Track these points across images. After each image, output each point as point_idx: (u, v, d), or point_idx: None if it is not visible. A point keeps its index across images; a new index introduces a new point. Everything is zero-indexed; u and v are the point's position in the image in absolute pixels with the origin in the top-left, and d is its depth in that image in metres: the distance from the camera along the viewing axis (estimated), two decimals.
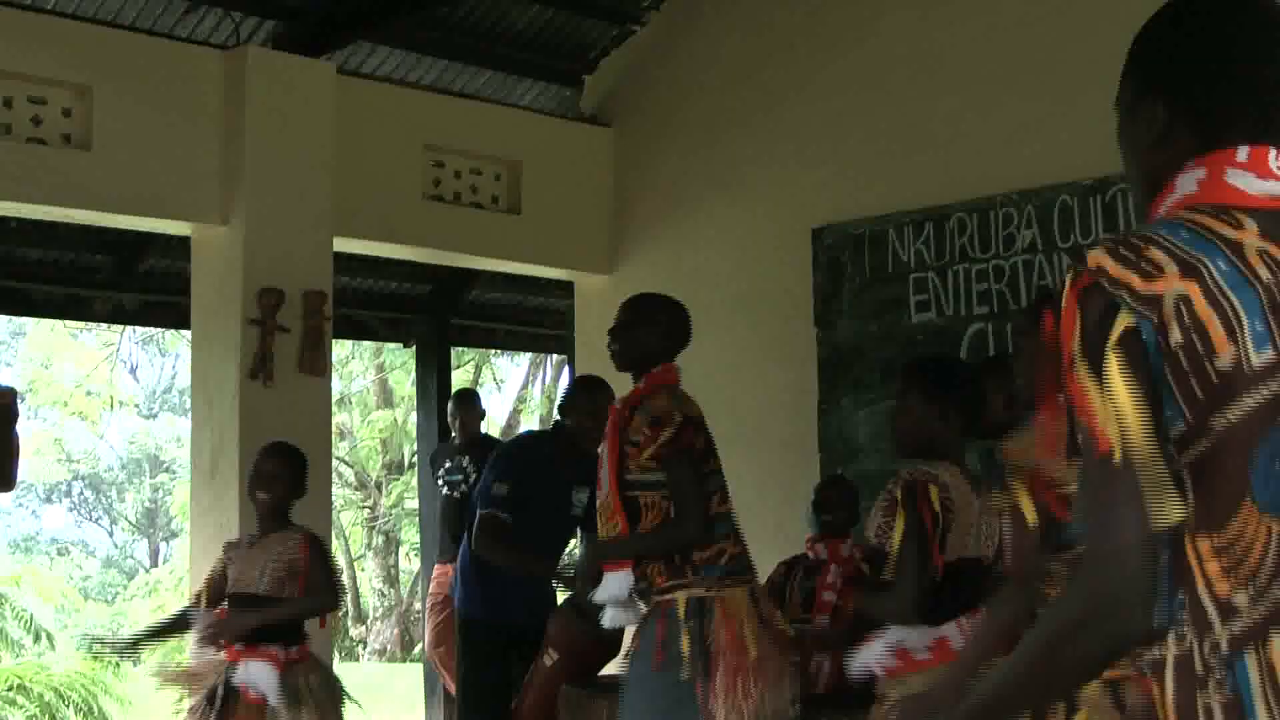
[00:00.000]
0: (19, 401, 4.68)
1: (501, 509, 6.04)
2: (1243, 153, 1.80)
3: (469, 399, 8.72)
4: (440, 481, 8.42)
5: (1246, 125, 1.82)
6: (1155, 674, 1.70)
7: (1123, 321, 1.67)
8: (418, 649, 17.11)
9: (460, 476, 8.12)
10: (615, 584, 4.54)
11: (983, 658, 3.59)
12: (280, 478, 5.37)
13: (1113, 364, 1.66)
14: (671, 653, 4.37)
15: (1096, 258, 1.72)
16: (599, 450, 4.72)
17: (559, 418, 6.15)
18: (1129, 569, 1.65)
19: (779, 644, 4.53)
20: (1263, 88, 1.84)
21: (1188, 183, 1.82)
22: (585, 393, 6.12)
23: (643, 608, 4.57)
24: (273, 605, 5.18)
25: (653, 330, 4.79)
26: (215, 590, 5.40)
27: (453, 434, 8.48)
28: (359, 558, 23.43)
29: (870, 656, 4.04)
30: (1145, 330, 1.66)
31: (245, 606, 5.22)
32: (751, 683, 4.37)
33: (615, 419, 4.65)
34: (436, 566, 8.46)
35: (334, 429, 11.44)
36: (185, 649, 5.60)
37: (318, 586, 5.28)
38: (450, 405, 8.61)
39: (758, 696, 4.37)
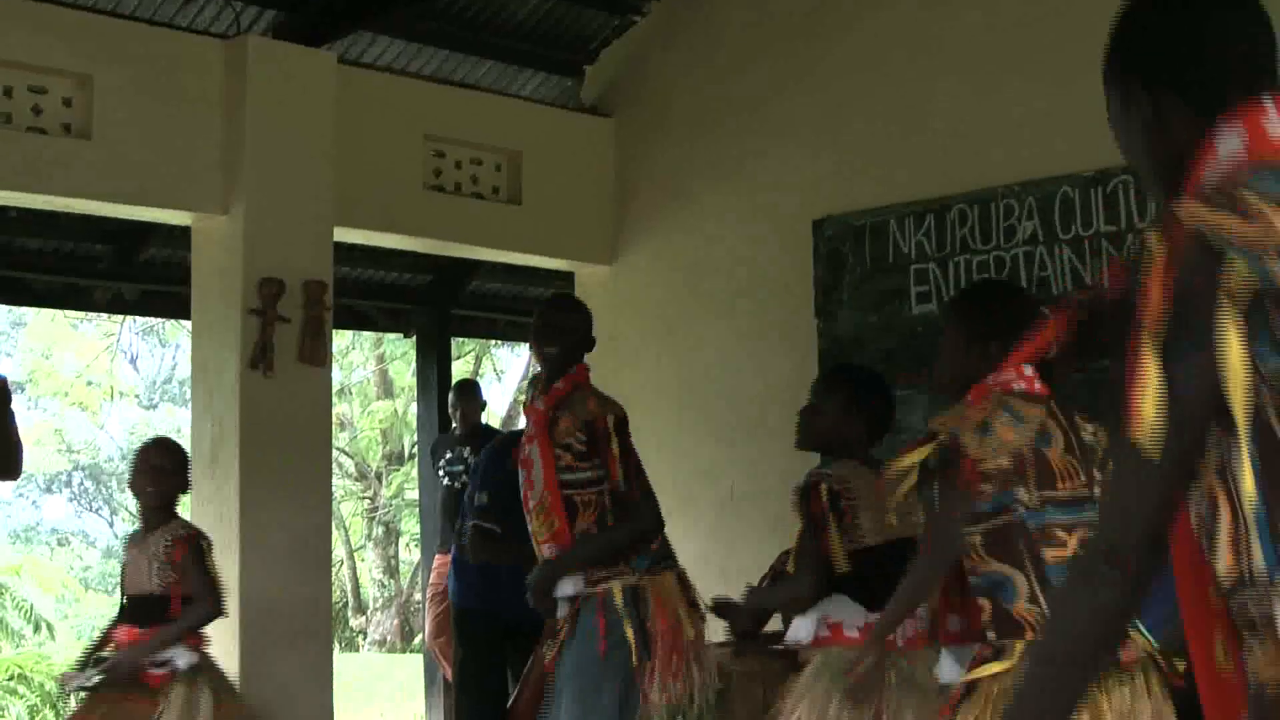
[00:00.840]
0: (10, 388, 4.70)
1: (485, 519, 6.11)
2: (1270, 104, 1.78)
3: (470, 389, 8.73)
4: (441, 472, 8.45)
5: (1238, 92, 1.81)
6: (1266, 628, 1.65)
7: (1234, 268, 1.63)
8: (418, 639, 17.12)
9: (461, 467, 8.15)
10: (570, 585, 4.75)
11: (892, 625, 3.96)
12: (167, 472, 5.44)
13: (1226, 316, 1.61)
14: (614, 639, 4.62)
15: (1189, 208, 1.67)
16: (527, 451, 4.88)
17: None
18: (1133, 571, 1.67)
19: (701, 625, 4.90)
20: (1236, 61, 1.85)
21: (1229, 142, 1.78)
22: None
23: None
24: (164, 622, 5.29)
25: (572, 333, 4.98)
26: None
27: (453, 425, 8.49)
28: (359, 548, 23.45)
29: (804, 628, 4.41)
30: (1260, 274, 1.61)
31: (139, 609, 5.35)
32: (686, 663, 4.71)
33: (540, 419, 4.82)
34: (437, 557, 8.48)
35: (334, 419, 11.45)
36: None
37: (197, 594, 5.32)
38: (451, 396, 8.63)
39: (691, 675, 4.71)
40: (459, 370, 15.87)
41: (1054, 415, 3.72)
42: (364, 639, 22.97)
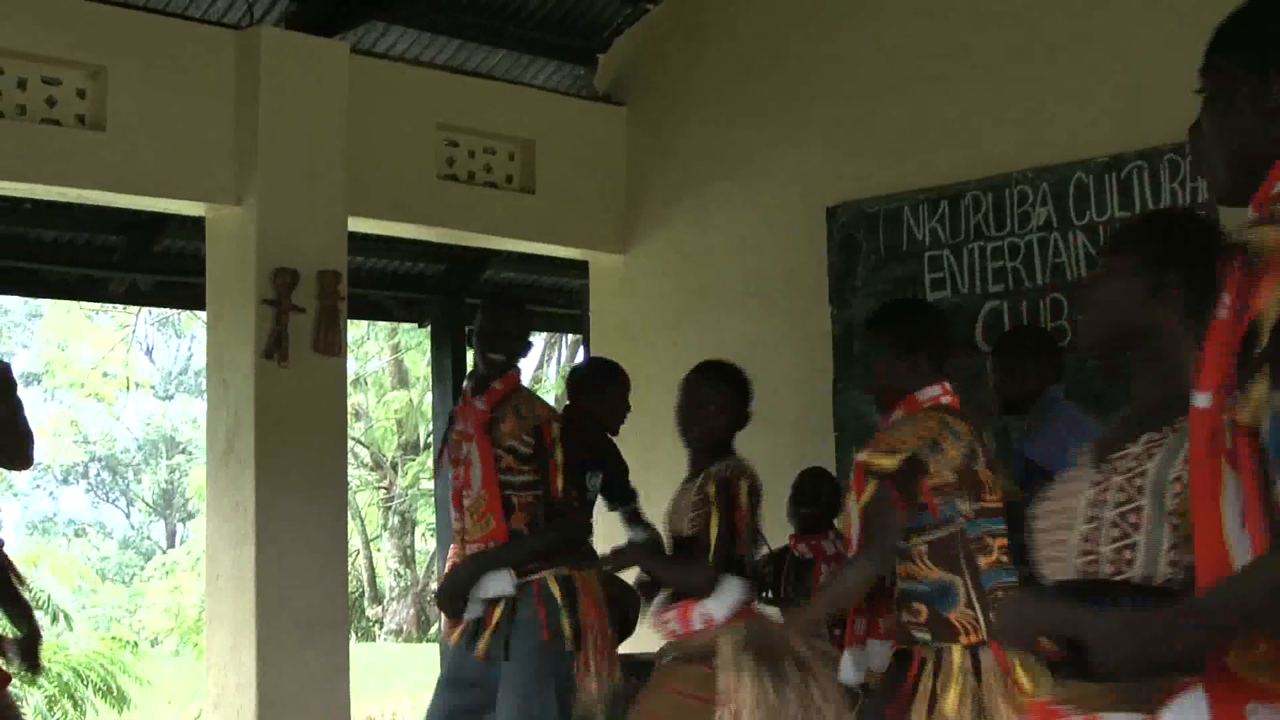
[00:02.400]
0: (14, 376, 4.69)
1: None
2: None
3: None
4: None
5: None
6: None
7: None
8: (434, 629, 17.16)
9: None
10: (498, 583, 4.86)
11: (820, 620, 4.25)
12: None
13: None
14: (554, 628, 4.81)
15: None
16: (465, 450, 4.97)
17: (568, 401, 6.16)
18: None
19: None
20: None
21: None
22: (597, 376, 6.12)
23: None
24: None
25: (518, 336, 5.13)
26: None
27: None
28: (375, 538, 23.50)
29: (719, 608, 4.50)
30: None
31: None
32: (611, 653, 5.00)
33: (480, 420, 4.92)
34: (452, 546, 8.51)
35: (349, 409, 11.46)
36: None
37: None
38: (465, 384, 8.65)
39: (615, 666, 5.03)
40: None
41: (973, 430, 4.16)
42: (380, 629, 23.03)
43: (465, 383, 5.17)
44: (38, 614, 5.12)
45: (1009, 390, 4.96)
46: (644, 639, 5.70)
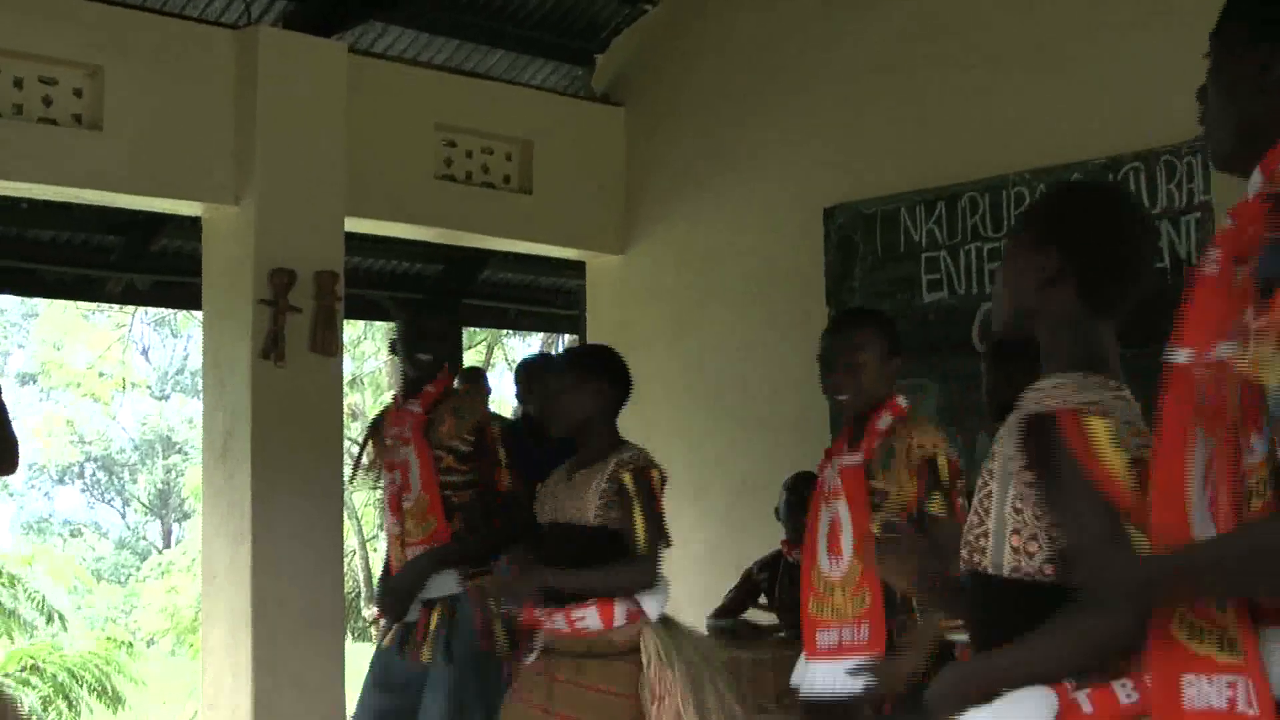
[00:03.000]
0: None
1: None
2: None
3: (474, 377, 8.78)
4: None
5: None
6: None
7: None
8: None
9: None
10: (444, 584, 4.89)
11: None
12: None
13: None
14: (490, 633, 4.87)
15: None
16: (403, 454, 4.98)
17: (519, 404, 6.20)
18: None
19: None
20: None
21: None
22: (545, 378, 6.06)
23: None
24: None
25: (446, 340, 5.18)
26: None
27: None
28: (371, 538, 23.47)
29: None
30: None
31: None
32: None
33: (417, 423, 4.96)
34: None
35: (346, 409, 11.43)
36: None
37: None
38: (456, 383, 8.69)
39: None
40: (470, 360, 15.88)
41: None
42: (377, 629, 23.02)
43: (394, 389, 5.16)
44: (32, 614, 5.14)
45: (1002, 396, 4.95)
46: None
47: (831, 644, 4.12)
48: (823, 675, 4.11)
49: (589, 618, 4.27)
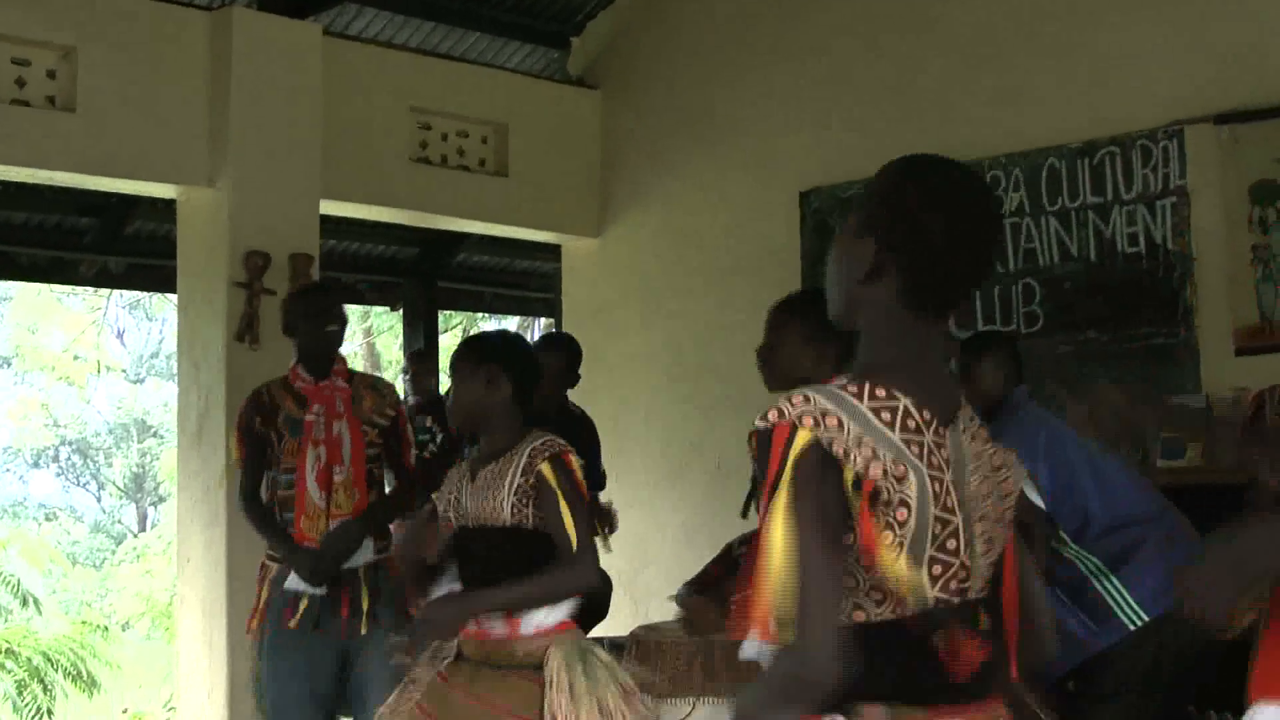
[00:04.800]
0: None
1: None
2: None
3: (423, 358, 8.92)
4: None
5: None
6: None
7: None
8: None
9: (427, 436, 8.43)
10: (365, 551, 4.96)
11: None
12: None
13: None
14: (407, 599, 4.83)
15: None
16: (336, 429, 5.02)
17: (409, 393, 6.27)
18: None
19: None
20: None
21: None
22: (547, 351, 6.03)
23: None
24: None
25: (345, 319, 5.20)
26: None
27: (407, 394, 8.73)
28: None
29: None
30: None
31: None
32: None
33: (347, 397, 5.04)
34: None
35: None
36: None
37: None
38: (404, 364, 8.90)
39: None
40: (447, 344, 15.84)
41: None
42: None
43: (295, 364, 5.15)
44: (7, 598, 5.17)
45: (978, 394, 4.94)
46: (618, 622, 5.70)
47: None
48: None
49: (495, 619, 3.83)
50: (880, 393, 1.98)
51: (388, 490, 5.19)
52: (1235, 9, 6.16)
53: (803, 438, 1.92)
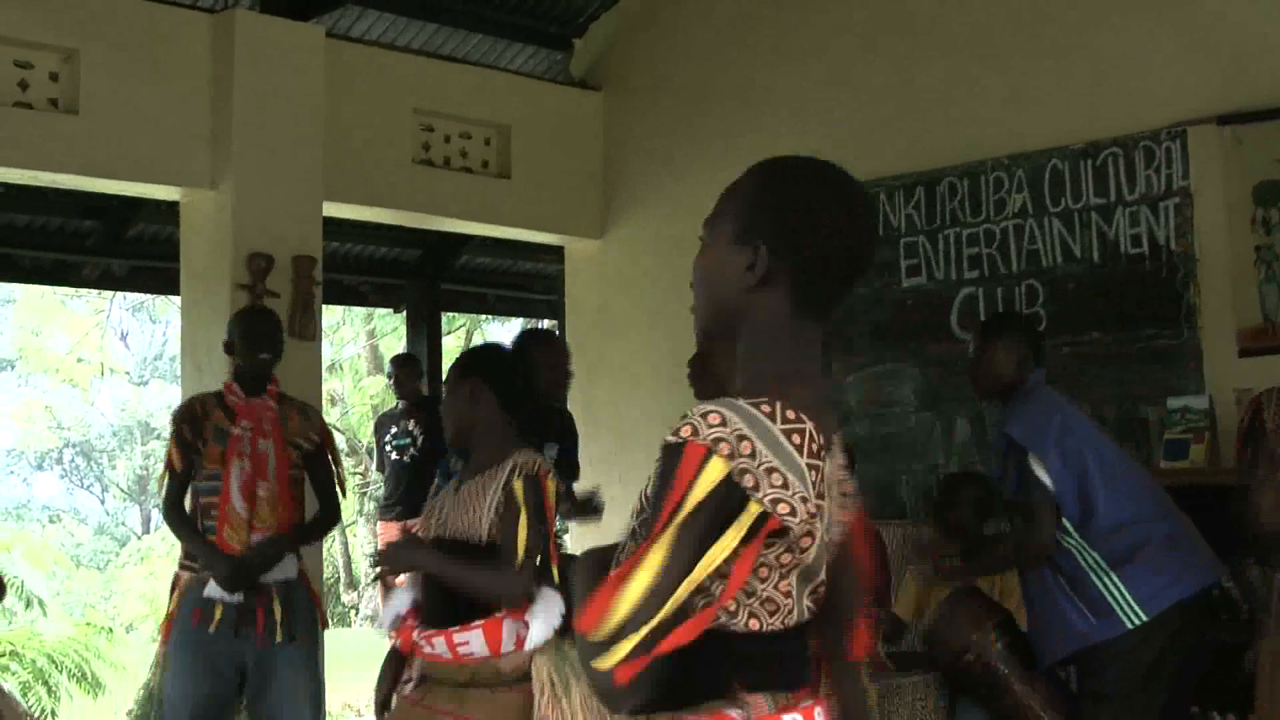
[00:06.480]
0: None
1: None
2: None
3: (407, 363, 8.98)
4: (389, 447, 8.78)
5: None
6: None
7: None
8: None
9: (408, 440, 8.52)
10: (289, 566, 5.15)
11: None
12: None
13: None
14: (318, 615, 5.32)
15: None
16: (262, 446, 5.16)
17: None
18: None
19: None
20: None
21: None
22: (539, 347, 6.04)
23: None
24: None
25: (281, 343, 5.35)
26: None
27: (397, 400, 8.87)
28: (351, 524, 23.46)
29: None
30: None
31: None
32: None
33: (274, 417, 5.19)
34: (382, 524, 9.02)
35: (325, 395, 11.44)
36: None
37: None
38: (388, 368, 9.04)
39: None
40: (450, 346, 15.86)
41: None
42: (356, 614, 23.00)
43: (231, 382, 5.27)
44: (11, 600, 5.19)
45: (991, 375, 4.94)
46: None
47: None
48: None
49: (474, 642, 3.82)
50: (790, 415, 1.91)
51: (309, 511, 5.36)
52: (1238, 10, 6.16)
53: (715, 468, 1.85)
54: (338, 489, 5.39)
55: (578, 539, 7.62)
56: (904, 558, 6.35)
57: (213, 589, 4.97)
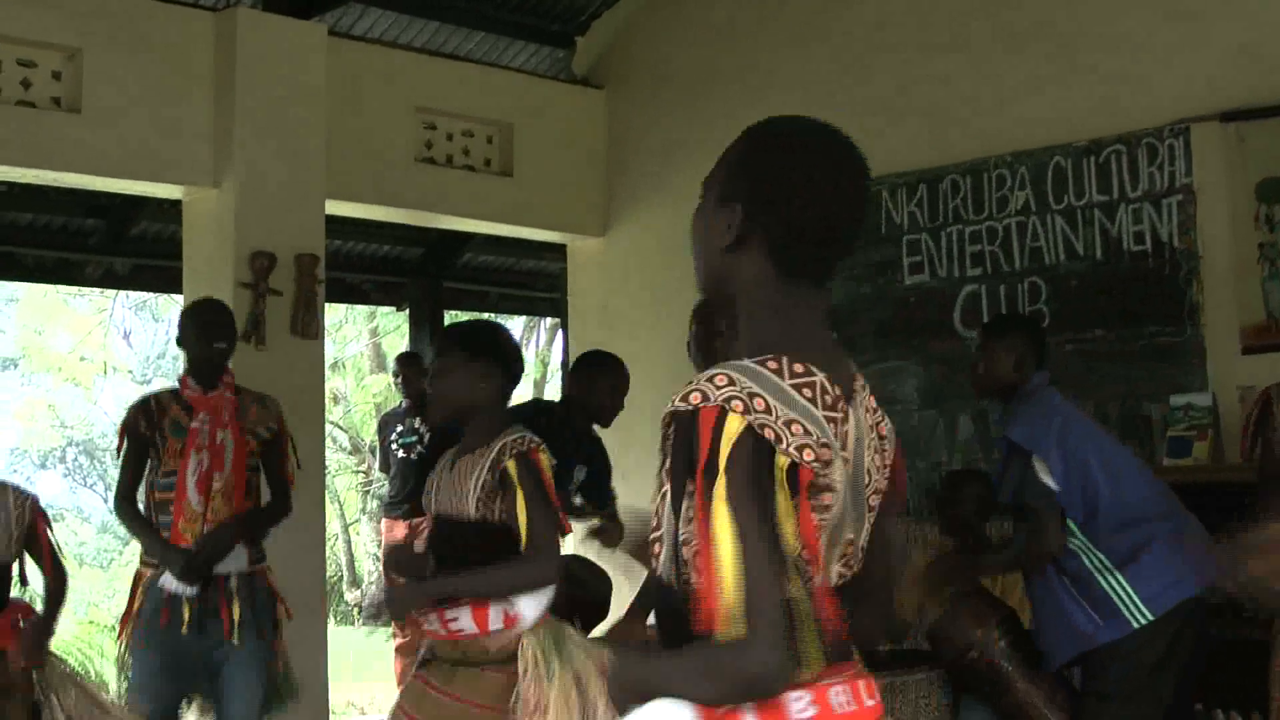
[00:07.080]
0: None
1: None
2: None
3: (412, 361, 8.99)
4: (395, 445, 8.78)
5: None
6: None
7: None
8: None
9: (415, 438, 8.52)
10: (240, 559, 5.07)
11: None
12: None
13: None
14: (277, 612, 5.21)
15: None
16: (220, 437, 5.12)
17: (569, 392, 6.19)
18: None
19: None
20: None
21: None
22: (585, 365, 6.08)
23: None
24: None
25: (235, 334, 5.32)
26: None
27: (401, 398, 8.85)
28: (354, 523, 23.46)
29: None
30: None
31: None
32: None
33: (232, 407, 5.15)
34: (386, 522, 9.01)
35: (328, 393, 11.45)
36: None
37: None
38: (394, 366, 9.04)
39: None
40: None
41: None
42: (359, 613, 23.01)
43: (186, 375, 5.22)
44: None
45: (989, 376, 4.94)
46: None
47: None
48: None
49: (462, 619, 3.84)
50: (799, 369, 1.89)
51: (264, 502, 5.29)
52: (1241, 6, 6.15)
53: (734, 423, 1.82)
54: (288, 475, 5.30)
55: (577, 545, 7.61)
56: (907, 555, 6.35)
57: (168, 580, 4.95)
